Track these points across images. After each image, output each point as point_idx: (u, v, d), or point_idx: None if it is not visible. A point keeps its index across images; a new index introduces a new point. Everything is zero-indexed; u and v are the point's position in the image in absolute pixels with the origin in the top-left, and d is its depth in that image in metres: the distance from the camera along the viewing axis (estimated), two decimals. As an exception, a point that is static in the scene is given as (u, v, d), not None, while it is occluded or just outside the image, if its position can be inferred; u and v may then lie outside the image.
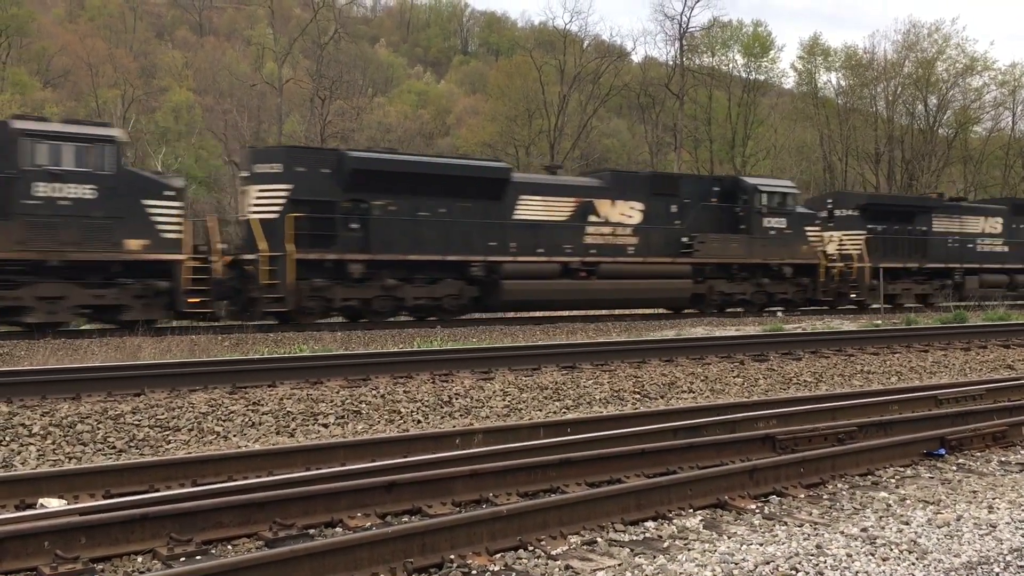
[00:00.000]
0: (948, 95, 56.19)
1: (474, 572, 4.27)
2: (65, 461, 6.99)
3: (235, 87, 57.66)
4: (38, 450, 7.18)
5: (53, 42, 66.89)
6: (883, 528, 4.99)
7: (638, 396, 10.41)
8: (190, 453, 7.12)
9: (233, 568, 3.82)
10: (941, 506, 5.54)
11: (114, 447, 7.39)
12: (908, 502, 5.64)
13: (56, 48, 65.58)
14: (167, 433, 7.84)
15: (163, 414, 8.31)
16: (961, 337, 16.86)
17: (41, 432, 7.56)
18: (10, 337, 15.86)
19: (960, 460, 6.88)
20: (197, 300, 17.65)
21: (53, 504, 5.38)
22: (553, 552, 4.55)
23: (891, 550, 4.58)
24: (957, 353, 14.88)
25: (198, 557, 4.45)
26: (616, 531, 4.95)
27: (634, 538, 4.85)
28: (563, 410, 9.57)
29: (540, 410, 9.50)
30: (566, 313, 22.95)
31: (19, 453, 7.09)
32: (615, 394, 10.37)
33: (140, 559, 4.51)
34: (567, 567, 4.33)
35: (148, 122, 54.53)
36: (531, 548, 4.61)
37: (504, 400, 9.69)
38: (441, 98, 76.55)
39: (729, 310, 24.93)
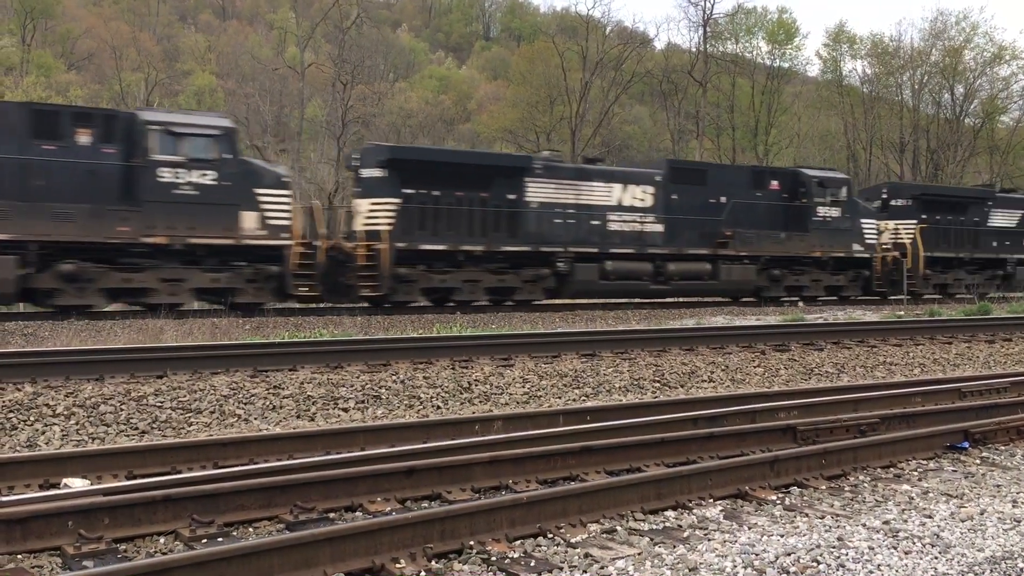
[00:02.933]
0: (975, 84, 55.53)
1: (494, 558, 4.27)
2: (88, 441, 7.05)
3: (257, 71, 57.86)
4: (62, 430, 7.25)
5: (78, 25, 67.32)
6: (906, 521, 4.95)
7: (658, 385, 10.37)
8: (212, 435, 7.16)
9: (255, 550, 3.84)
10: (964, 500, 5.49)
11: (137, 428, 7.45)
12: (931, 495, 5.59)
13: (80, 31, 66.01)
14: (189, 415, 7.90)
15: (185, 396, 8.37)
16: (985, 329, 16.70)
17: (65, 412, 7.63)
18: (35, 318, 16.03)
19: (984, 454, 6.81)
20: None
21: (77, 484, 5.43)
22: (573, 540, 4.55)
23: (914, 543, 4.54)
24: (981, 346, 14.73)
25: (220, 539, 4.47)
26: (636, 520, 4.94)
27: (654, 527, 4.83)
28: (583, 398, 9.56)
29: (560, 397, 9.49)
30: (586, 301, 22.93)
31: (43, 433, 7.16)
32: (635, 382, 10.34)
33: (163, 540, 4.55)
34: (587, 555, 4.33)
35: (171, 105, 54.74)
36: (551, 535, 4.60)
37: (524, 387, 9.69)
38: (462, 84, 76.41)
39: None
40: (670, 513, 5.08)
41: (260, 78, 56.39)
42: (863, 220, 26.75)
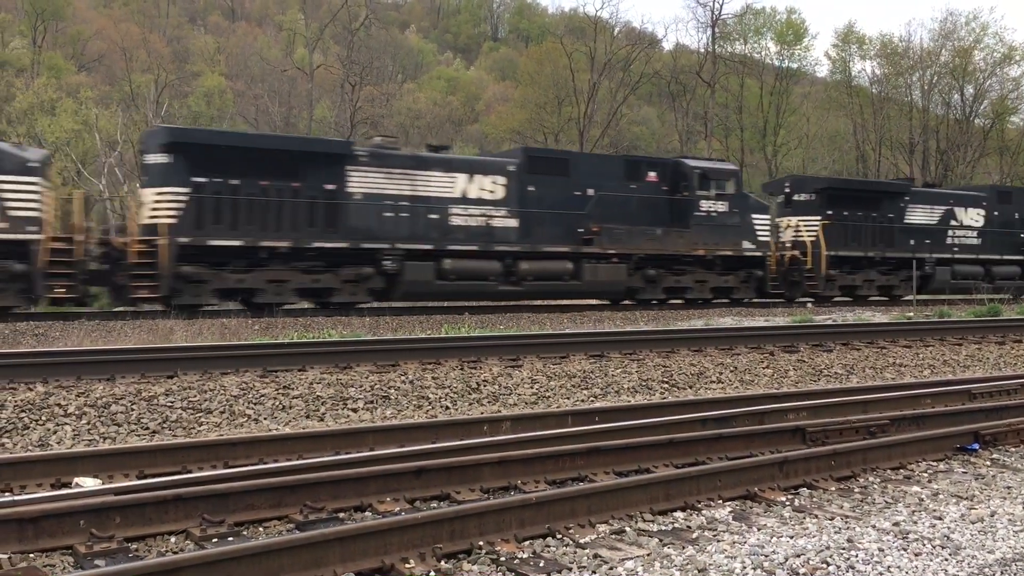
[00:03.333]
0: (985, 85, 55.37)
1: (503, 559, 4.27)
2: (100, 441, 7.08)
3: (266, 72, 58.02)
4: (73, 430, 7.28)
5: (88, 26, 67.60)
6: (915, 523, 4.94)
7: (667, 386, 10.37)
8: (222, 435, 7.18)
9: (265, 550, 3.86)
10: (975, 501, 5.47)
11: (147, 428, 7.48)
12: (941, 497, 5.58)
13: (91, 33, 66.28)
14: (199, 415, 7.93)
15: (195, 396, 8.40)
16: (996, 331, 16.63)
17: (76, 412, 7.66)
18: (46, 318, 16.10)
19: (994, 455, 6.79)
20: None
21: (88, 483, 5.45)
22: (582, 540, 4.55)
23: (924, 545, 4.53)
24: (991, 347, 14.68)
25: (230, 538, 4.49)
26: (645, 521, 4.94)
27: (663, 528, 4.83)
28: (591, 398, 9.56)
29: (568, 398, 9.50)
30: (595, 302, 22.94)
31: (55, 432, 7.19)
32: (643, 383, 10.34)
33: (173, 539, 4.57)
34: (596, 556, 4.33)
35: (180, 107, 54.91)
36: (560, 536, 4.61)
37: (532, 387, 9.70)
38: (471, 84, 76.45)
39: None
40: (679, 514, 5.08)
41: (269, 79, 56.54)
42: (755, 215, 24.70)
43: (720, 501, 5.33)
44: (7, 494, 5.29)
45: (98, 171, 38.15)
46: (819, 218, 26.11)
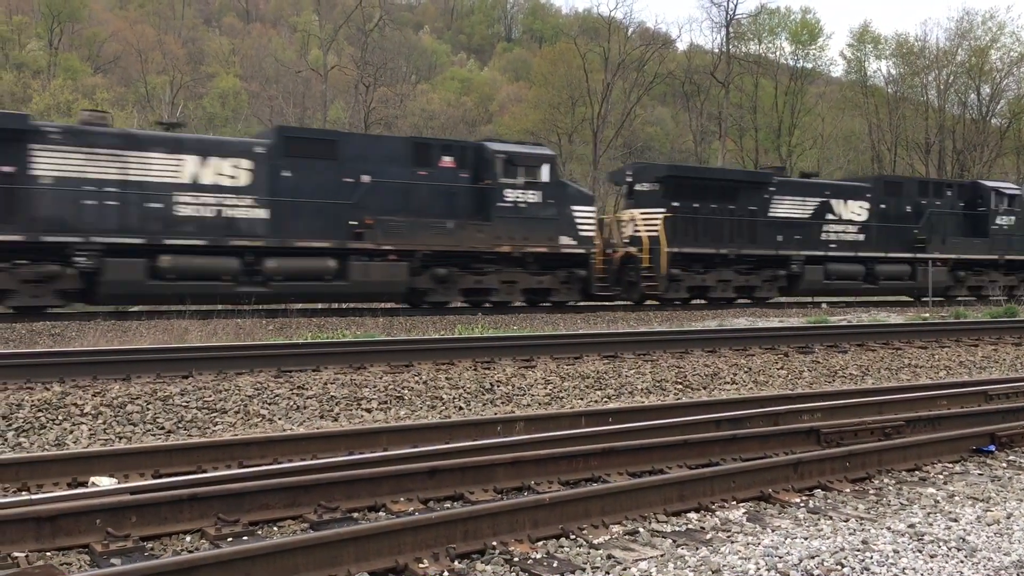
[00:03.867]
0: (1002, 84, 55.04)
1: (516, 559, 4.28)
2: (115, 440, 7.13)
3: (281, 73, 58.27)
4: (90, 429, 7.33)
5: (104, 28, 68.04)
6: (931, 525, 4.92)
7: (680, 386, 10.35)
8: (237, 435, 7.22)
9: (280, 549, 3.87)
10: (991, 503, 5.44)
11: (163, 428, 7.53)
12: (957, 499, 5.55)
13: (107, 34, 66.72)
14: (214, 415, 7.97)
15: (210, 396, 8.44)
16: (1012, 332, 16.51)
17: (92, 412, 7.71)
18: (62, 319, 16.21)
19: (1011, 457, 6.75)
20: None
21: (104, 482, 5.49)
22: (595, 541, 4.55)
23: (939, 547, 4.51)
24: (1008, 348, 14.58)
25: (245, 538, 4.51)
26: (658, 522, 4.93)
27: (677, 529, 4.83)
28: (605, 399, 9.55)
29: (582, 399, 9.49)
30: (609, 304, 22.90)
31: (71, 432, 7.24)
32: (657, 384, 10.32)
33: (188, 538, 4.60)
34: (609, 556, 4.33)
35: (195, 108, 55.25)
36: (573, 537, 4.61)
37: (546, 388, 9.70)
38: (484, 85, 76.55)
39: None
40: (693, 515, 5.07)
41: (283, 80, 56.80)
42: (576, 207, 21.42)
43: (734, 502, 5.32)
44: (24, 493, 5.34)
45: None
46: (663, 210, 22.83)
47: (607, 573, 4.12)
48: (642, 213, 23.04)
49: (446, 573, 4.10)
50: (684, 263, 23.13)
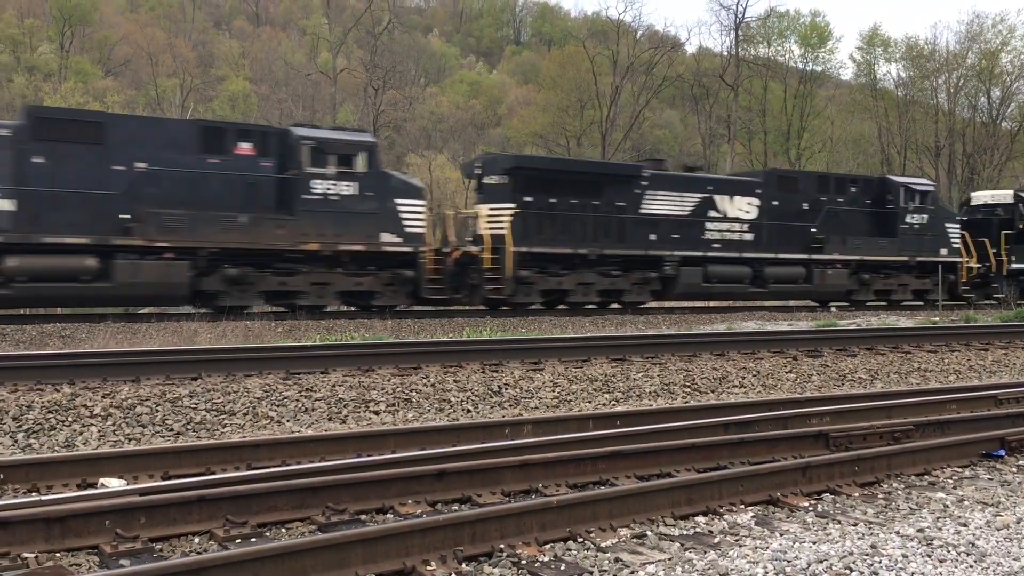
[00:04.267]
0: (1012, 87, 54.84)
1: (524, 562, 4.28)
2: (125, 442, 7.16)
3: (290, 76, 58.44)
4: (99, 431, 7.36)
5: (115, 31, 68.39)
6: (940, 529, 4.90)
7: (688, 390, 10.34)
8: (245, 437, 7.24)
9: (288, 551, 3.88)
10: (1000, 508, 5.41)
11: (172, 429, 7.56)
12: (966, 503, 5.52)
13: (117, 37, 67.05)
14: (223, 417, 7.99)
15: (219, 398, 8.47)
16: (1023, 336, 16.43)
17: (102, 413, 7.75)
18: (72, 320, 16.28)
19: (1021, 462, 6.71)
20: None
21: (113, 484, 5.51)
22: (603, 544, 4.55)
23: (948, 552, 4.49)
24: (1019, 352, 14.50)
25: (253, 539, 4.53)
26: (666, 525, 4.93)
27: (684, 533, 4.82)
28: (613, 402, 9.55)
29: (590, 402, 9.49)
30: (615, 305, 22.86)
31: (81, 433, 7.28)
32: (665, 387, 10.31)
33: (197, 540, 4.61)
34: (616, 560, 4.33)
35: (205, 111, 55.42)
36: (581, 540, 4.61)
37: (554, 391, 9.70)
38: (493, 88, 76.61)
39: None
40: (701, 519, 5.06)
41: (293, 83, 56.95)
42: (400, 200, 19.25)
43: (742, 506, 5.31)
44: (34, 494, 5.36)
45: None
46: (512, 205, 20.53)
47: (615, 576, 4.12)
48: (490, 209, 20.84)
49: (453, 575, 4.11)
50: (537, 264, 20.84)
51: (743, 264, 23.84)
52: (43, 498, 4.92)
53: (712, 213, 23.54)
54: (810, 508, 5.35)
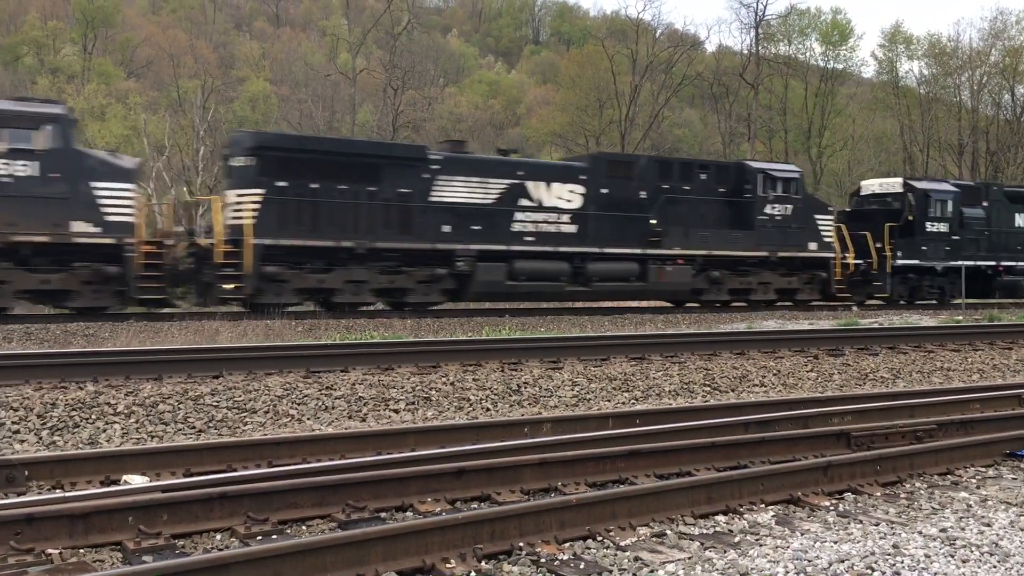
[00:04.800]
0: (1037, 85, 54.19)
1: (543, 560, 4.28)
2: (148, 439, 7.22)
3: (310, 77, 58.66)
4: (122, 428, 7.43)
5: (137, 33, 68.99)
6: (963, 529, 4.86)
7: (708, 389, 10.30)
8: (266, 435, 7.28)
9: (309, 548, 3.90)
10: (1025, 508, 5.36)
11: (194, 427, 7.61)
12: (989, 503, 5.47)
13: (140, 39, 67.63)
14: (244, 415, 8.04)
15: (240, 396, 8.52)
16: (1047, 335, 16.25)
17: (125, 411, 7.81)
18: (96, 319, 16.43)
19: (1045, 462, 6.65)
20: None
21: (136, 481, 5.56)
22: (622, 543, 4.54)
23: (971, 552, 4.45)
24: (1043, 352, 14.35)
25: (274, 536, 4.55)
26: (686, 524, 4.91)
27: (704, 532, 4.80)
28: (632, 401, 9.53)
29: (609, 400, 9.48)
30: (635, 304, 22.81)
31: (104, 431, 7.34)
32: (685, 386, 10.28)
33: (219, 536, 4.64)
34: (636, 558, 4.32)
35: (226, 112, 55.75)
36: (600, 538, 4.60)
37: (573, 390, 9.69)
38: (512, 88, 76.63)
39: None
40: (721, 518, 5.05)
41: (312, 84, 57.13)
42: (97, 184, 16.57)
43: (763, 505, 5.29)
44: (58, 491, 5.42)
45: (147, 175, 38.83)
46: (259, 191, 17.85)
47: (634, 575, 4.11)
48: (237, 195, 18.09)
49: (473, 573, 4.11)
50: (293, 260, 18.13)
51: (561, 259, 20.85)
52: (67, 495, 4.97)
53: (523, 202, 20.62)
54: (831, 508, 5.32)
